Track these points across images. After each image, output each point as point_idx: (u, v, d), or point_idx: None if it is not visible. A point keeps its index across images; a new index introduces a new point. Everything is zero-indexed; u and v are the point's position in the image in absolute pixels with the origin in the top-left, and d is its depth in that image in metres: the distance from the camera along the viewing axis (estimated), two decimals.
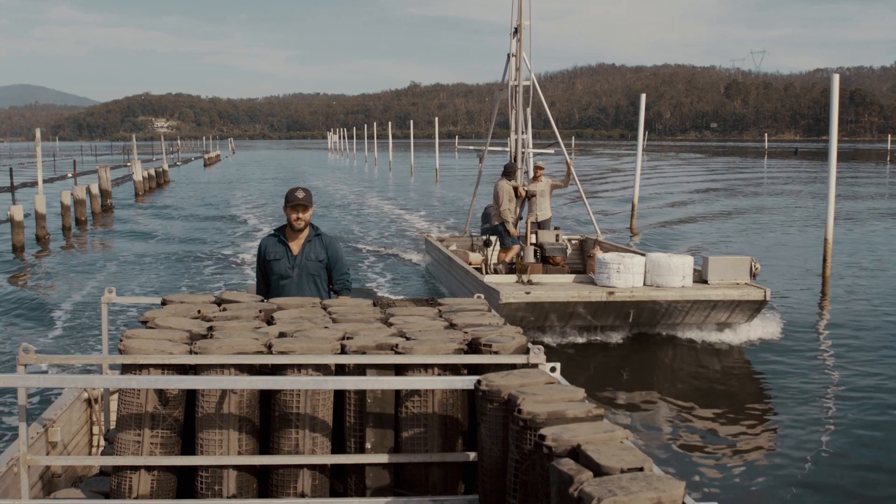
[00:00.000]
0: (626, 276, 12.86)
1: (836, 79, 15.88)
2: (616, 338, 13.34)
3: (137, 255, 23.69)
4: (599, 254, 13.89)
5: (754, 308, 13.12)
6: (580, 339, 13.24)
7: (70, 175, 49.95)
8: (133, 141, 75.19)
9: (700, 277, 13.26)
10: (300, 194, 6.36)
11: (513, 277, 14.02)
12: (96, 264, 22.09)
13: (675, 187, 49.42)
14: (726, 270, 13.18)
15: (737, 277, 13.16)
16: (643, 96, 25.72)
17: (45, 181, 32.94)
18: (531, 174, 17.17)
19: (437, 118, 65.67)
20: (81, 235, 29.45)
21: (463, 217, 34.89)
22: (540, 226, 16.65)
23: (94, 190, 35.51)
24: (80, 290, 18.09)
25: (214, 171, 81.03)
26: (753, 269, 13.24)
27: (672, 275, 12.90)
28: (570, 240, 17.97)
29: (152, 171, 53.72)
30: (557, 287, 13.17)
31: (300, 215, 6.36)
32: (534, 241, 15.99)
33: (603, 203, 36.67)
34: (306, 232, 6.48)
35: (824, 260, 17.38)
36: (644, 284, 13.02)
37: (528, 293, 12.63)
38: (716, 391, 11.20)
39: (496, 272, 15.77)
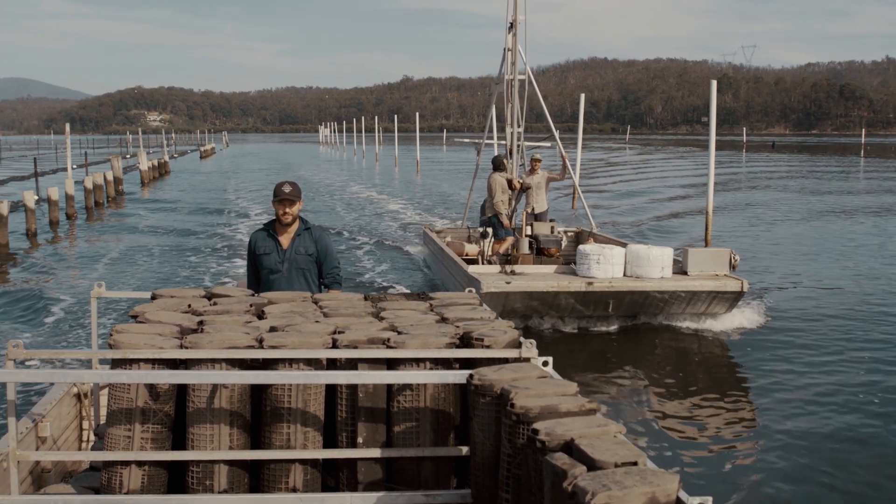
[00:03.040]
0: (605, 266, 12.99)
1: (714, 84, 16.77)
2: (603, 329, 13.44)
3: (134, 247, 23.92)
4: (581, 245, 13.99)
5: (732, 299, 13.27)
6: (567, 329, 13.35)
7: (76, 166, 52.99)
8: (139, 134, 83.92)
9: (680, 269, 13.41)
10: (287, 189, 6.31)
11: (497, 268, 14.13)
12: (93, 256, 22.20)
13: (645, 183, 49.68)
14: (706, 262, 13.35)
15: (716, 269, 13.31)
16: (583, 96, 26.91)
17: (55, 171, 44.77)
18: (527, 167, 17.21)
19: (417, 113, 68.81)
20: (100, 215, 33.20)
21: (437, 200, 37.16)
22: (536, 218, 16.74)
23: (109, 177, 39.71)
24: (73, 283, 18.04)
25: (210, 163, 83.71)
26: (733, 260, 13.41)
27: (651, 266, 13.03)
28: (565, 232, 18.03)
29: (155, 162, 57.57)
30: (538, 277, 13.28)
31: (286, 210, 6.32)
32: (529, 232, 16.04)
33: (597, 197, 36.70)
34: (296, 226, 6.44)
35: (706, 229, 18.29)
36: (624, 275, 13.14)
37: (508, 283, 12.72)
38: (706, 383, 11.23)
39: (490, 263, 15.82)
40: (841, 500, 7.71)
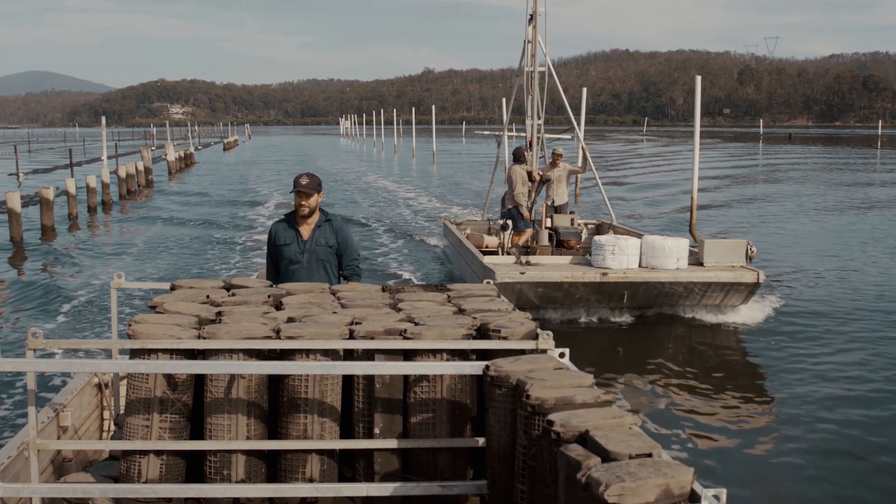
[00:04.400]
0: (620, 257, 12.94)
1: (699, 79, 16.73)
2: (619, 320, 13.40)
3: (161, 235, 24.34)
4: (597, 236, 13.95)
5: (748, 290, 13.19)
6: (583, 321, 13.32)
7: (107, 158, 55.15)
8: (166, 126, 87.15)
9: (697, 260, 13.33)
10: (304, 181, 6.30)
11: (512, 259, 14.11)
12: (121, 245, 22.62)
13: (662, 176, 49.47)
14: (722, 253, 13.26)
15: (732, 260, 13.22)
16: (584, 90, 27.43)
17: (84, 162, 48.22)
18: (547, 159, 17.18)
19: (433, 106, 70.97)
20: (132, 204, 34.71)
21: (450, 189, 37.55)
22: (556, 210, 16.70)
23: (140, 167, 41.99)
24: (98, 272, 18.18)
25: (233, 155, 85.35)
26: (749, 252, 13.29)
27: (666, 257, 12.96)
28: (585, 224, 17.98)
29: (181, 153, 60.03)
30: (553, 268, 13.23)
31: (303, 202, 6.31)
32: (549, 224, 16.02)
33: (617, 189, 36.58)
34: (316, 217, 6.44)
35: (691, 214, 18.45)
36: (639, 266, 13.08)
37: (522, 273, 12.69)
38: (721, 375, 11.20)
39: (509, 255, 15.82)
40: (858, 494, 7.66)
